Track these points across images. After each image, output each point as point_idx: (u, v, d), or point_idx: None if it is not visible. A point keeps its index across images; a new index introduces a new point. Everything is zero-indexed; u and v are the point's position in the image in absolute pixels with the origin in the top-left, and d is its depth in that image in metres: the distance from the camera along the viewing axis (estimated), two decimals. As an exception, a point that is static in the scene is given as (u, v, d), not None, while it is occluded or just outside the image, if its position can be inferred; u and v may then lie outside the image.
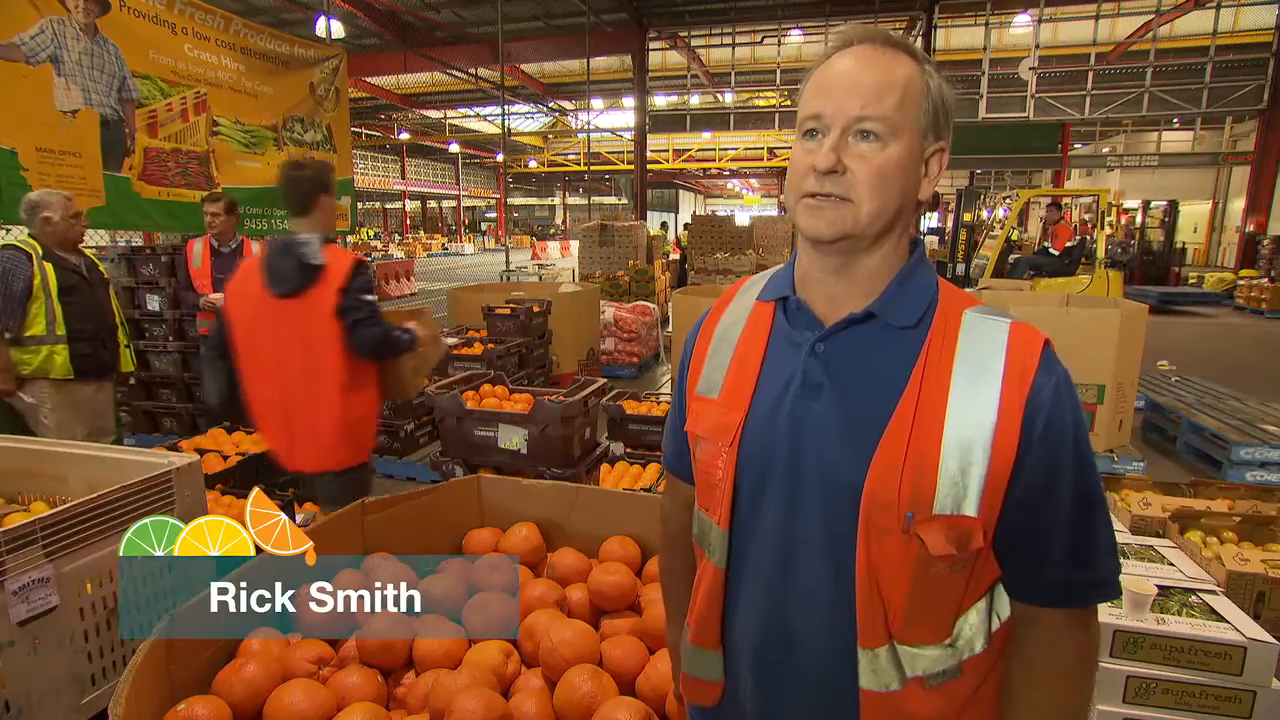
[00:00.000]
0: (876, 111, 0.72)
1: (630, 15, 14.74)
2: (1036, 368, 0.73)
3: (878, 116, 0.72)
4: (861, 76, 0.74)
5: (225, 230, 3.97)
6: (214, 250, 3.97)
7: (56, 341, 3.11)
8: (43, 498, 2.00)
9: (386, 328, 2.23)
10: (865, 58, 0.75)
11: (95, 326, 3.24)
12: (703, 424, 0.87)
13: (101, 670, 1.71)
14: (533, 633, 1.45)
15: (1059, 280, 8.02)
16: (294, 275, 2.17)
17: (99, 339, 3.26)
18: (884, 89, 0.73)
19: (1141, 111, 13.94)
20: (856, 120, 0.73)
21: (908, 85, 0.74)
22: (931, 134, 0.76)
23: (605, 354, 7.28)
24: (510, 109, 21.43)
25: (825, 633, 0.79)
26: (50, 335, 3.09)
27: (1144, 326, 4.52)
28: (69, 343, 3.12)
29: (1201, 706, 1.77)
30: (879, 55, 0.75)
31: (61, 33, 4.04)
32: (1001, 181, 30.05)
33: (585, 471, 3.52)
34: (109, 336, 3.34)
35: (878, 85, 0.73)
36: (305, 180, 2.26)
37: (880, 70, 0.74)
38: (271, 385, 2.23)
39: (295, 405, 2.21)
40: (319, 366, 2.18)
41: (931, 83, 0.76)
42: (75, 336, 3.15)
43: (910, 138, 0.74)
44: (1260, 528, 2.47)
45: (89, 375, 3.25)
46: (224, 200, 3.98)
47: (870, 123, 0.73)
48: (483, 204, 46.08)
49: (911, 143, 0.74)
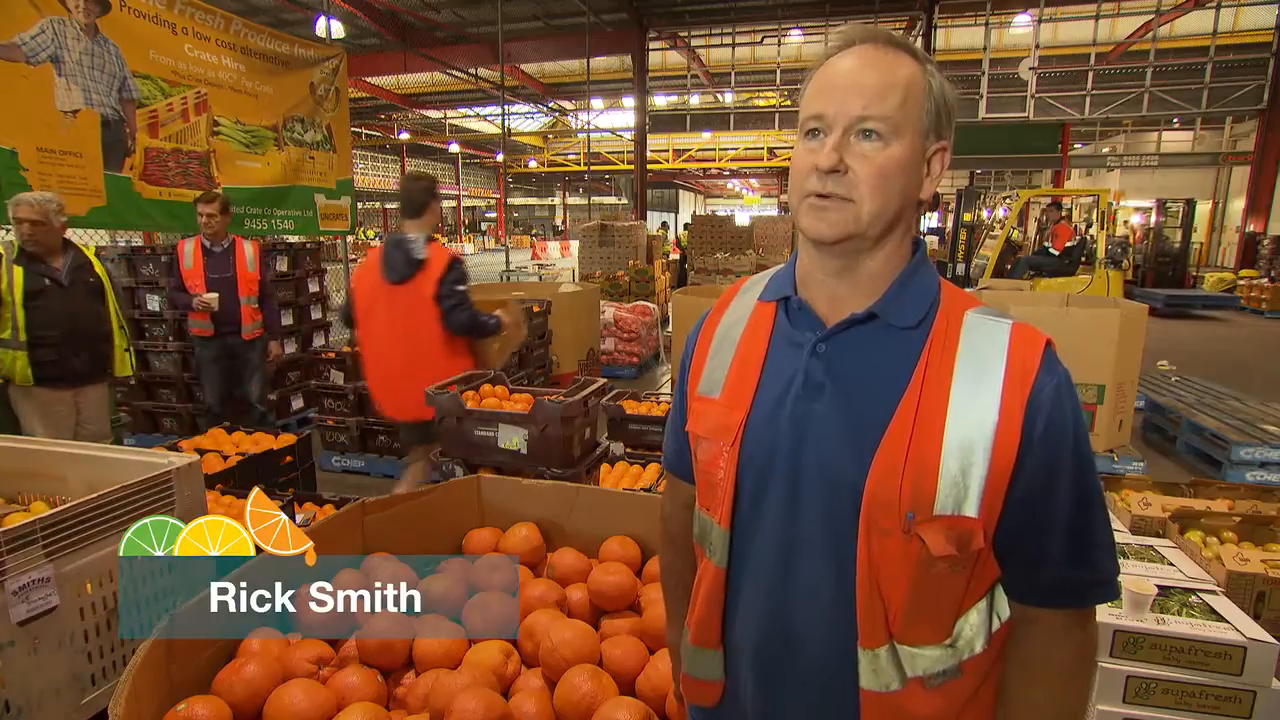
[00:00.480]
0: (879, 111, 0.72)
1: (630, 15, 14.74)
2: (1038, 368, 0.73)
3: (880, 116, 0.72)
4: (863, 76, 0.73)
5: (219, 230, 3.96)
6: (206, 250, 3.96)
7: (19, 347, 3.01)
8: (43, 498, 2.00)
9: (474, 314, 2.83)
10: (867, 58, 0.75)
11: (61, 333, 3.09)
12: (704, 424, 0.87)
13: (101, 670, 1.70)
14: (533, 633, 1.45)
15: (1059, 280, 8.02)
16: (403, 266, 2.74)
17: (67, 345, 3.12)
18: (886, 89, 0.73)
19: (1141, 111, 13.94)
20: (859, 120, 0.73)
21: (910, 85, 0.74)
22: (933, 133, 0.76)
23: (605, 354, 7.28)
24: (510, 109, 21.42)
25: (826, 632, 0.79)
26: (14, 340, 3.00)
27: (1144, 326, 4.52)
28: (30, 349, 3.01)
29: (1201, 706, 1.77)
30: (881, 55, 0.75)
31: (62, 33, 4.04)
32: (1001, 181, 30.03)
33: (585, 471, 3.51)
34: (83, 342, 3.19)
35: (880, 85, 0.73)
36: (420, 189, 2.80)
37: (882, 70, 0.74)
38: (383, 352, 2.88)
39: (400, 369, 2.84)
40: (419, 340, 2.81)
41: (934, 82, 0.76)
42: (37, 343, 3.02)
43: (912, 137, 0.74)
44: (1260, 528, 2.47)
45: (55, 382, 3.12)
46: (218, 200, 3.96)
47: (872, 122, 0.73)
48: (483, 204, 46.07)
49: (913, 142, 0.74)
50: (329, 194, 6.22)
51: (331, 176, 6.25)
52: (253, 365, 4.20)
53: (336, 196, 6.32)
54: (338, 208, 6.35)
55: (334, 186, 6.28)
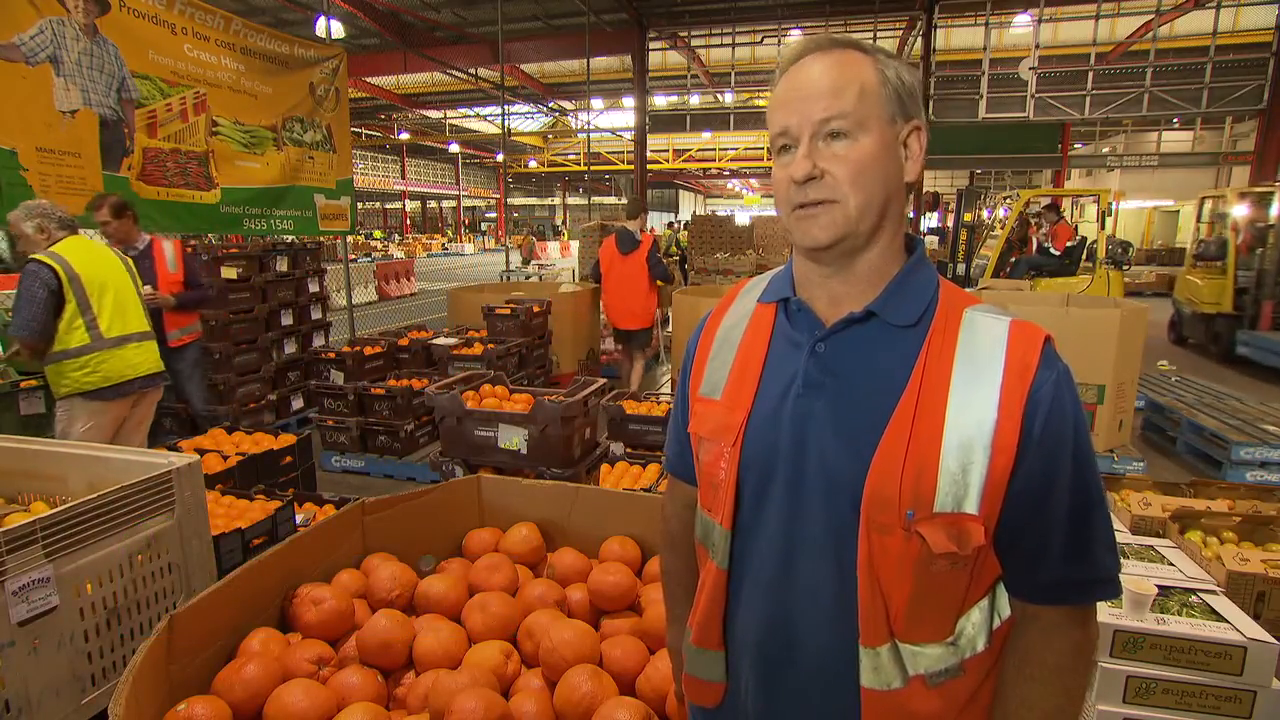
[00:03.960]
0: (838, 109, 0.74)
1: (630, 15, 14.73)
2: (1037, 364, 0.73)
3: (841, 114, 0.74)
4: (817, 81, 0.75)
5: (123, 233, 3.70)
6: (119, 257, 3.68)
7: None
8: (43, 498, 2.00)
9: (665, 270, 5.51)
10: (817, 64, 0.76)
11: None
12: (706, 425, 0.87)
13: (101, 670, 1.70)
14: (533, 633, 1.45)
15: (1059, 280, 8.02)
16: (629, 243, 5.43)
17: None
18: (840, 87, 0.74)
19: (1141, 111, 13.92)
20: (822, 124, 0.74)
21: (863, 78, 0.75)
22: (900, 117, 0.77)
23: (605, 354, 7.28)
24: (510, 109, 21.43)
25: (827, 632, 0.79)
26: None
27: (1144, 326, 4.52)
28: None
29: (1201, 706, 1.77)
30: (826, 57, 0.76)
31: (61, 33, 4.04)
32: (1001, 181, 30.04)
33: (585, 471, 3.52)
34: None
35: (833, 85, 0.74)
36: (636, 205, 5.62)
37: (833, 71, 0.75)
38: (616, 289, 5.56)
39: (627, 299, 5.53)
40: (638, 285, 5.47)
41: (887, 71, 0.77)
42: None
43: (879, 127, 0.75)
44: (1260, 528, 2.47)
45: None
46: (107, 205, 3.65)
47: (836, 121, 0.74)
48: (482, 204, 46.06)
49: (882, 131, 0.75)
50: (329, 194, 6.22)
51: (331, 176, 6.25)
52: (185, 374, 3.99)
53: (336, 196, 6.32)
54: (337, 208, 6.34)
55: (334, 186, 6.28)
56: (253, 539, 2.35)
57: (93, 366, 2.99)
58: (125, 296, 3.15)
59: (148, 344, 3.23)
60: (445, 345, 4.81)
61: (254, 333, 5.10)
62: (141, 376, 3.17)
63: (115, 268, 3.15)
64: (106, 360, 3.03)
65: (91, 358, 2.99)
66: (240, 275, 4.96)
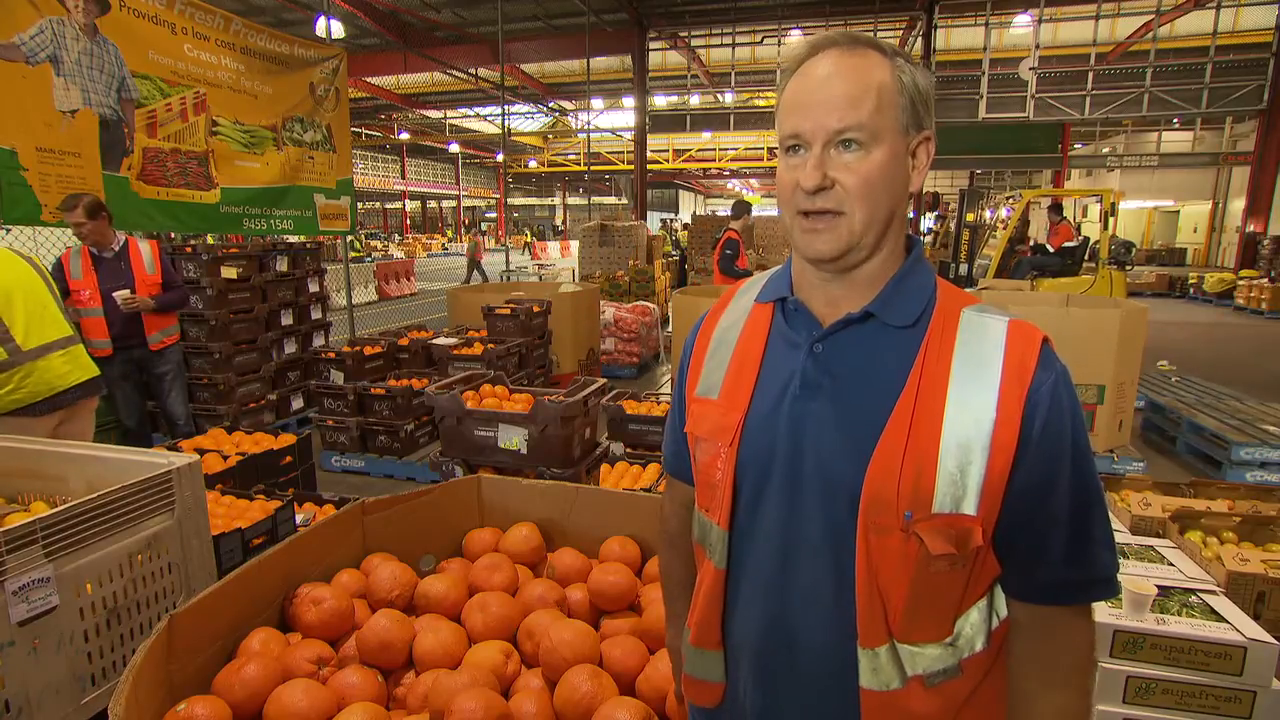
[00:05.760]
0: (854, 121, 0.72)
1: (630, 15, 14.74)
2: (1035, 365, 0.73)
3: (856, 125, 0.73)
4: (834, 88, 0.73)
5: (98, 235, 3.58)
6: (96, 258, 3.62)
7: None
8: (43, 498, 2.00)
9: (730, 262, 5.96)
10: (835, 65, 0.74)
11: None
12: (703, 425, 0.87)
13: (101, 670, 1.70)
14: (533, 633, 1.45)
15: (1063, 281, 8.01)
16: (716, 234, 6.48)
17: None
18: (858, 97, 0.73)
19: (1141, 111, 13.94)
20: (836, 134, 0.73)
21: (881, 86, 0.74)
22: (913, 127, 0.76)
23: (605, 354, 7.28)
24: (510, 109, 21.41)
25: (826, 632, 0.79)
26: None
27: (1144, 326, 4.52)
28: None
29: (1201, 707, 1.77)
30: (846, 59, 0.74)
31: (61, 33, 4.04)
32: (1001, 181, 30.05)
33: (585, 471, 3.52)
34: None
35: (851, 94, 0.73)
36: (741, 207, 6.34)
37: (851, 78, 0.73)
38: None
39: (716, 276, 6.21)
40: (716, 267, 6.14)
41: (905, 77, 0.75)
42: None
43: (892, 138, 0.74)
44: (1260, 528, 2.47)
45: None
46: (80, 206, 3.49)
47: (850, 133, 0.73)
48: (483, 204, 46.06)
49: (894, 143, 0.74)
50: (329, 194, 6.22)
51: (331, 176, 6.25)
52: (168, 378, 3.89)
53: (336, 196, 6.32)
54: (337, 208, 6.34)
55: (334, 186, 6.28)
56: (253, 539, 2.35)
57: (16, 383, 2.63)
58: (39, 301, 2.74)
59: (74, 350, 2.83)
60: (445, 345, 4.81)
61: (254, 333, 5.10)
62: (74, 386, 2.80)
63: (21, 271, 2.74)
64: (30, 375, 2.67)
65: (14, 373, 2.62)
66: (240, 275, 4.96)
